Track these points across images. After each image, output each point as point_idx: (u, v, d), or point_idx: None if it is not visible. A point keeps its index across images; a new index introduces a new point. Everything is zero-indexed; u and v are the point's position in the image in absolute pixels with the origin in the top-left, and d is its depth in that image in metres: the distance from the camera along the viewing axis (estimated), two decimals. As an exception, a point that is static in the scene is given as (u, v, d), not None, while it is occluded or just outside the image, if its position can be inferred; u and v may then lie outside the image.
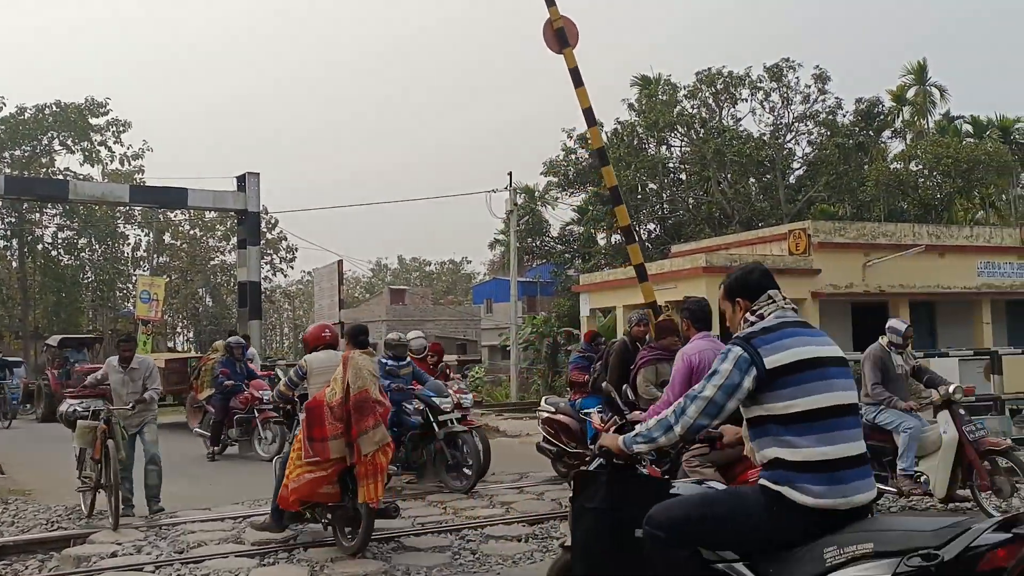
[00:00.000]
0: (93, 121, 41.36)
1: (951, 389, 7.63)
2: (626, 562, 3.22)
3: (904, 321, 8.46)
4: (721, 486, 3.47)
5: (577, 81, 13.14)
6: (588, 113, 13.49)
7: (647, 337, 8.64)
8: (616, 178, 15.31)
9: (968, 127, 41.26)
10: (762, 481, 3.04)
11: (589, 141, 17.38)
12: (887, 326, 8.41)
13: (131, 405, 8.46)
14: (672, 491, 3.31)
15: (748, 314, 3.29)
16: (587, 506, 3.41)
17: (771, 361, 3.02)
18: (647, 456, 3.30)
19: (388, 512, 6.97)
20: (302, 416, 7.02)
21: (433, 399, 9.95)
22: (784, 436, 2.98)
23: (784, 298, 3.31)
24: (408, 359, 10.41)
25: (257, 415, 12.92)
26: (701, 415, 3.06)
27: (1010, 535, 2.68)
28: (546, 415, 10.73)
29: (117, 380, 8.72)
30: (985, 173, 32.60)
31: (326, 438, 6.66)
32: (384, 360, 10.13)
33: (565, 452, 10.28)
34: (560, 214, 61.40)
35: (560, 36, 13.00)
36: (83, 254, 43.41)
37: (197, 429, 14.47)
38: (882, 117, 36.10)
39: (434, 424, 9.83)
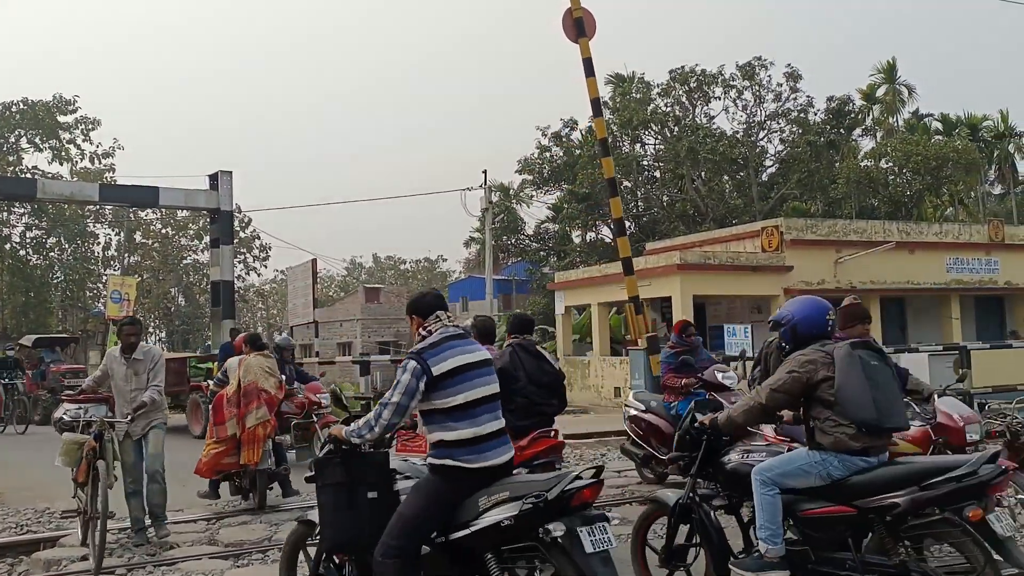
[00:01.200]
0: (61, 119, 40.78)
1: None
2: (360, 519, 4.25)
3: None
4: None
5: (589, 71, 13.28)
6: (595, 103, 13.64)
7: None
8: (595, 176, 15.37)
9: (937, 125, 41.88)
10: (429, 459, 4.18)
11: (594, 130, 17.55)
12: None
13: (127, 416, 7.24)
14: (392, 465, 4.45)
15: (421, 329, 4.35)
16: (327, 483, 4.37)
17: (436, 369, 4.12)
18: (367, 441, 4.30)
19: (278, 474, 8.83)
20: (211, 407, 9.13)
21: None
22: (447, 423, 4.11)
23: (448, 317, 4.37)
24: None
25: (316, 420, 11.63)
26: (393, 416, 4.14)
27: (596, 480, 3.95)
28: (634, 412, 9.55)
29: (119, 374, 7.45)
30: (954, 170, 33.07)
31: (224, 421, 8.65)
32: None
33: (654, 457, 9.14)
34: (535, 212, 61.46)
35: (579, 25, 13.14)
36: (52, 254, 42.79)
37: None
38: (852, 115, 36.51)
39: None
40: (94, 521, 6.88)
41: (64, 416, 7.54)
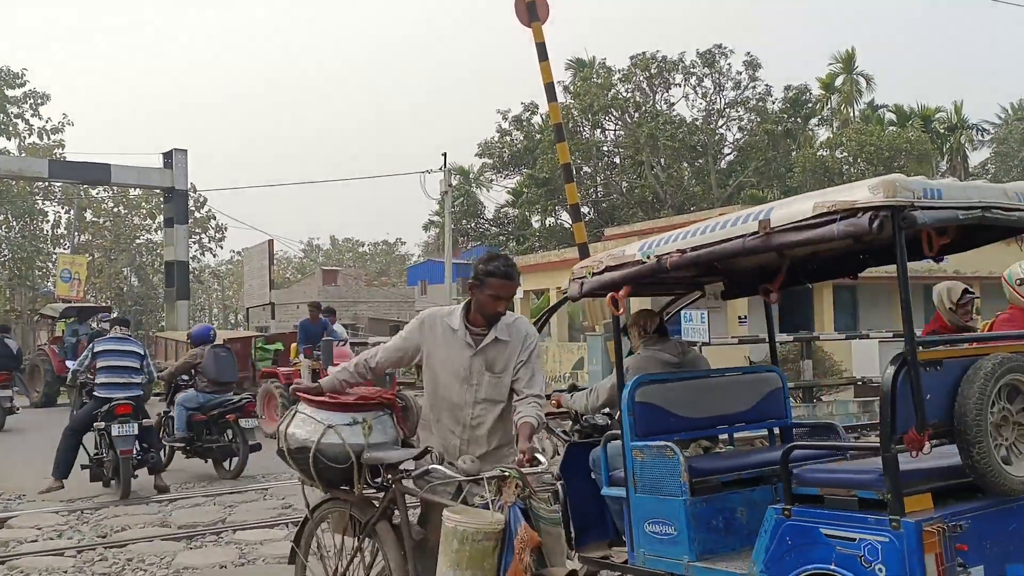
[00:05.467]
0: (9, 92, 39.64)
1: None
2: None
3: None
4: None
5: (543, 56, 13.21)
6: (549, 88, 13.57)
7: None
8: (555, 160, 15.35)
9: (891, 115, 42.56)
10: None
11: (548, 116, 17.59)
12: None
13: (471, 460, 3.57)
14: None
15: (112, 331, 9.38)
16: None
17: (96, 349, 8.81)
18: (77, 376, 9.30)
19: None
20: None
21: None
22: (99, 376, 8.66)
23: (120, 329, 9.38)
24: None
25: None
26: (76, 367, 9.19)
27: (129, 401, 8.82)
28: None
29: (452, 366, 3.76)
30: (906, 161, 33.68)
31: None
32: None
33: None
34: (495, 196, 61.39)
35: (531, 9, 13.08)
36: (-1, 231, 41.68)
37: None
38: (810, 105, 36.95)
39: None
40: None
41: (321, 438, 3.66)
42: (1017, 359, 3.60)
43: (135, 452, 8.49)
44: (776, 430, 4.93)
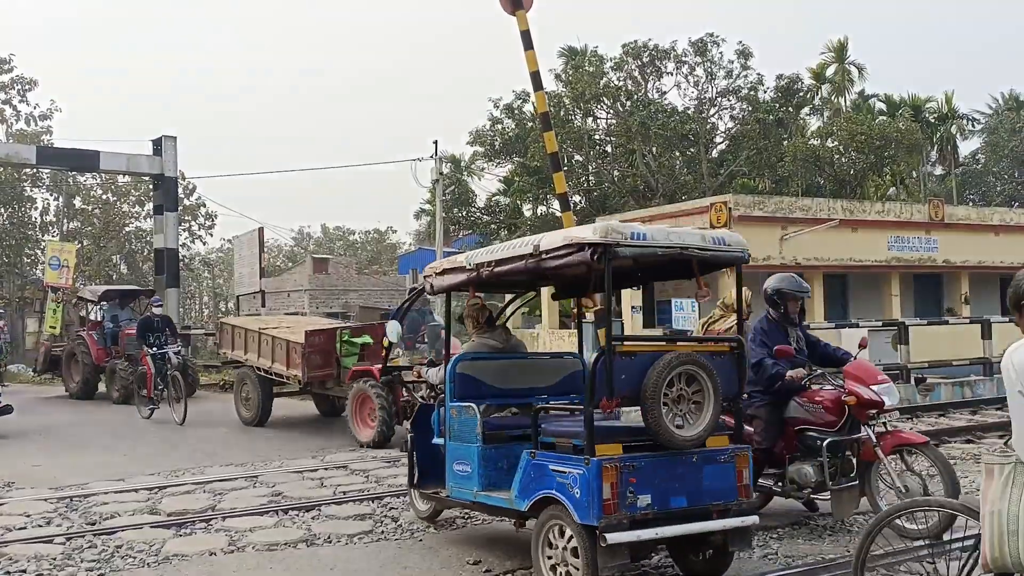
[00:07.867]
0: (-4, 78, 39.35)
1: None
2: None
3: None
4: None
5: (527, 44, 13.15)
6: (535, 77, 13.53)
7: None
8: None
9: (881, 105, 42.63)
10: None
11: (535, 104, 17.45)
12: None
13: None
14: None
15: None
16: None
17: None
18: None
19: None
20: None
21: None
22: None
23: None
24: None
25: None
26: None
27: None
28: None
29: None
30: (897, 151, 33.73)
31: None
32: None
33: None
34: (486, 184, 61.18)
35: None
36: (-13, 218, 41.42)
37: None
38: (801, 94, 36.93)
39: None
40: None
41: None
42: (691, 355, 4.90)
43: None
44: None
